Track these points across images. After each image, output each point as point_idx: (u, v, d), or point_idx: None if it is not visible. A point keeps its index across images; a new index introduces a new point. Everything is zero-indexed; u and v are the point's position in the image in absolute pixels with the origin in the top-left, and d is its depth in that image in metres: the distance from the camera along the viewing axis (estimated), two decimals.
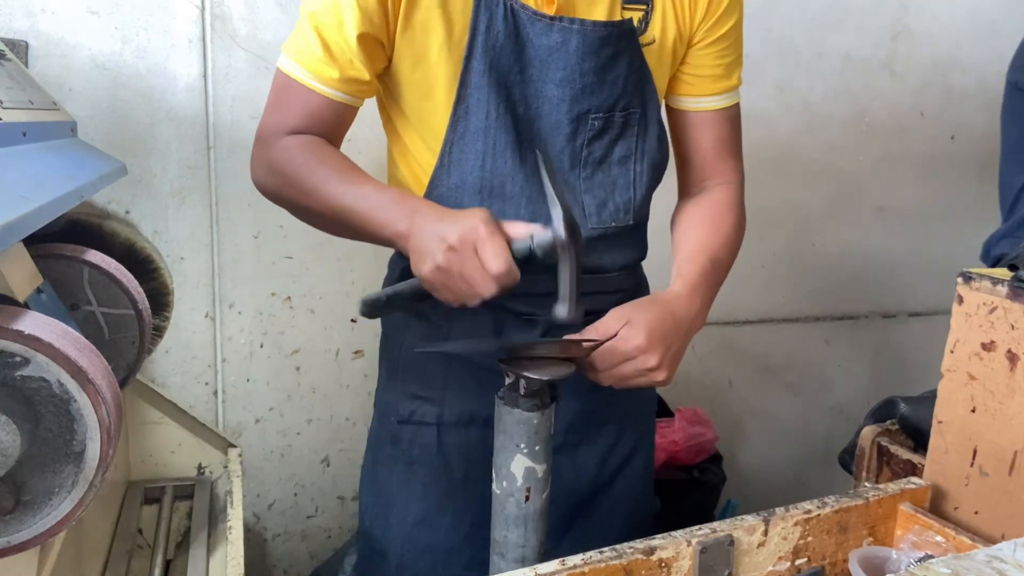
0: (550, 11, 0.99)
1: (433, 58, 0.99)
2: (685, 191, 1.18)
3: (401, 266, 1.15)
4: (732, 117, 1.15)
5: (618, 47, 1.01)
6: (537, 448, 0.87)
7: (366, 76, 1.00)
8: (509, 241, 0.86)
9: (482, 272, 0.85)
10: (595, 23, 1.00)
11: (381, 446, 1.15)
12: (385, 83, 1.06)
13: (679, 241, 1.11)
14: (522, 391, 0.86)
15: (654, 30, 1.04)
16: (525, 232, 0.88)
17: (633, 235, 1.12)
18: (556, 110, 1.02)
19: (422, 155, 1.05)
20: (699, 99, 1.12)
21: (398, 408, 1.13)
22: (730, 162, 1.16)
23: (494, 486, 0.90)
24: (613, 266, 1.11)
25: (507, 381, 0.87)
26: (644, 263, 1.19)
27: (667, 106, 1.15)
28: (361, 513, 1.20)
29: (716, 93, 1.12)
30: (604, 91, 1.02)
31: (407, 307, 1.07)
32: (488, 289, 0.86)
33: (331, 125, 1.04)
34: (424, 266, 0.88)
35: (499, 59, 0.99)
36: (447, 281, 0.87)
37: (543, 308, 1.04)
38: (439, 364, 1.10)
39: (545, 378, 0.85)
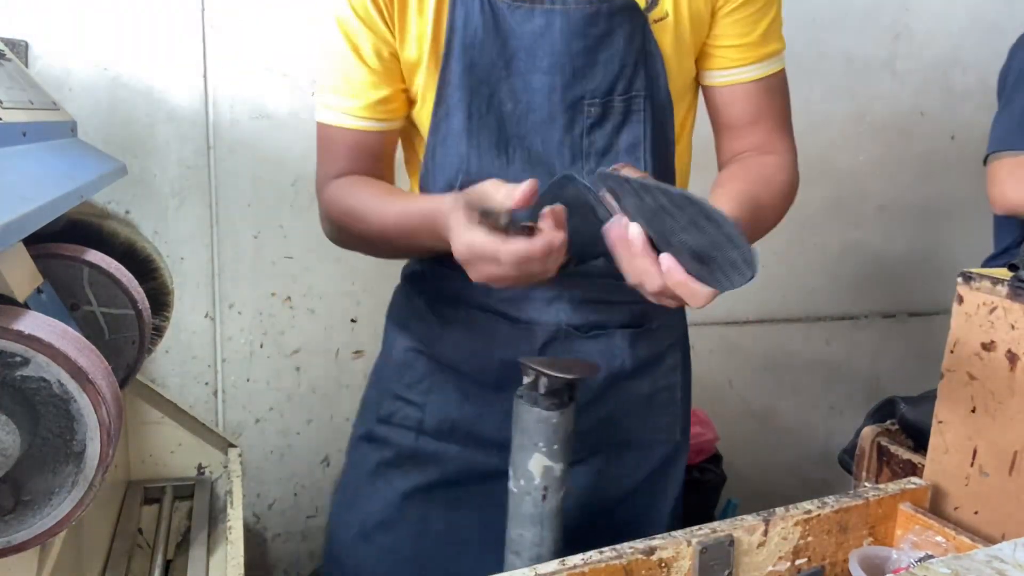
0: None
1: (423, 68, 0.98)
2: (722, 166, 1.08)
3: (410, 268, 1.13)
4: (772, 87, 1.05)
5: (610, 25, 0.95)
6: (556, 447, 0.86)
7: (387, 94, 0.99)
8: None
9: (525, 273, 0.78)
10: (579, 0, 0.94)
11: (358, 445, 1.12)
12: None
13: (715, 193, 0.96)
14: (542, 390, 0.86)
15: (666, 4, 0.96)
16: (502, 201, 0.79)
17: None
18: (548, 100, 0.96)
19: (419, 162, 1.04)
20: (728, 72, 1.03)
21: (379, 406, 1.09)
22: (774, 135, 1.05)
23: (511, 484, 0.90)
24: None
25: (526, 380, 0.87)
26: None
27: (701, 84, 1.07)
28: (330, 507, 1.18)
29: (748, 63, 1.02)
30: (598, 74, 0.96)
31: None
32: (544, 274, 0.79)
33: (375, 156, 1.03)
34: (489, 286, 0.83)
35: (480, 56, 0.95)
36: (512, 283, 0.80)
37: (543, 315, 1.02)
38: (426, 368, 1.07)
39: (569, 376, 0.85)
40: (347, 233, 1.03)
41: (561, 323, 1.02)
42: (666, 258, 0.73)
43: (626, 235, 0.75)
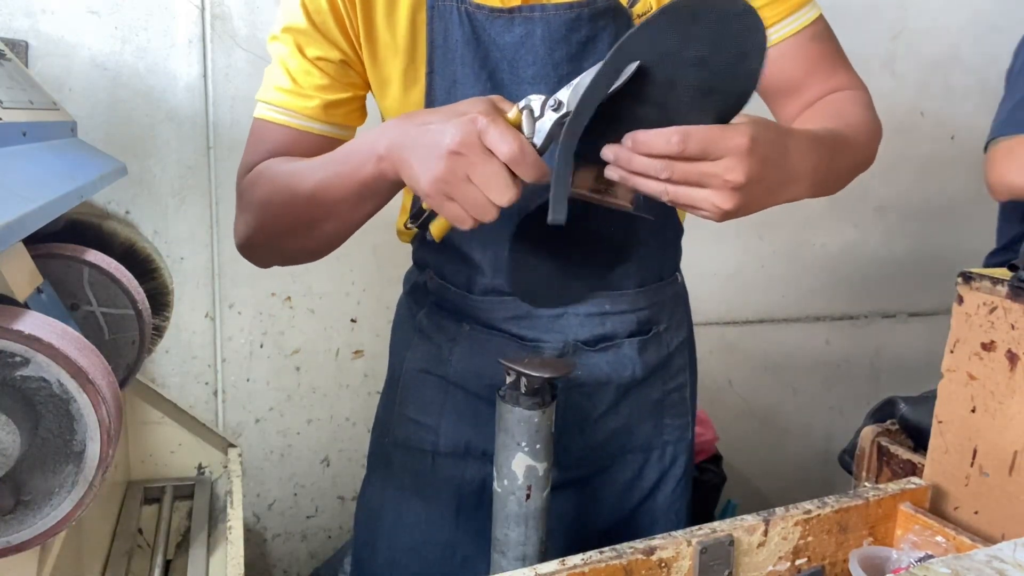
0: (515, 1, 0.90)
1: (397, 83, 0.94)
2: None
3: (412, 281, 1.11)
4: (817, 33, 0.97)
5: (593, 28, 0.90)
6: (538, 446, 0.87)
7: (338, 98, 0.94)
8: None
9: (498, 170, 0.70)
10: (557, 6, 0.89)
11: (376, 464, 1.11)
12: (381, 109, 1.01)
13: None
14: (523, 389, 0.86)
15: None
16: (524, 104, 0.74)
17: (655, 238, 1.01)
18: None
19: None
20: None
21: (393, 429, 1.08)
22: (833, 79, 0.97)
23: (495, 484, 0.90)
24: (628, 280, 1.01)
25: (508, 380, 0.87)
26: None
27: None
28: (355, 525, 1.16)
29: (782, 18, 0.94)
30: None
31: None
32: (506, 191, 0.71)
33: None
34: (422, 181, 0.73)
35: (463, 69, 0.91)
36: (454, 192, 0.72)
37: (549, 333, 1.01)
38: (436, 389, 1.05)
39: (546, 375, 0.85)
40: (268, 217, 0.94)
41: (568, 339, 1.01)
42: (626, 138, 0.71)
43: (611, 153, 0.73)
